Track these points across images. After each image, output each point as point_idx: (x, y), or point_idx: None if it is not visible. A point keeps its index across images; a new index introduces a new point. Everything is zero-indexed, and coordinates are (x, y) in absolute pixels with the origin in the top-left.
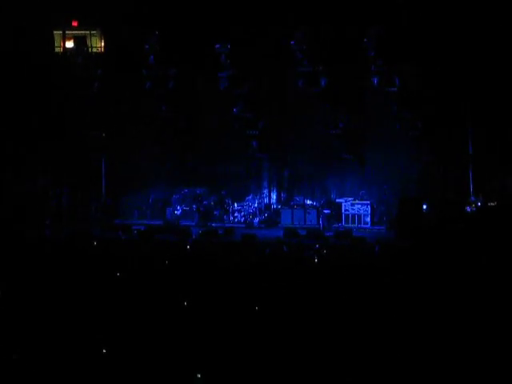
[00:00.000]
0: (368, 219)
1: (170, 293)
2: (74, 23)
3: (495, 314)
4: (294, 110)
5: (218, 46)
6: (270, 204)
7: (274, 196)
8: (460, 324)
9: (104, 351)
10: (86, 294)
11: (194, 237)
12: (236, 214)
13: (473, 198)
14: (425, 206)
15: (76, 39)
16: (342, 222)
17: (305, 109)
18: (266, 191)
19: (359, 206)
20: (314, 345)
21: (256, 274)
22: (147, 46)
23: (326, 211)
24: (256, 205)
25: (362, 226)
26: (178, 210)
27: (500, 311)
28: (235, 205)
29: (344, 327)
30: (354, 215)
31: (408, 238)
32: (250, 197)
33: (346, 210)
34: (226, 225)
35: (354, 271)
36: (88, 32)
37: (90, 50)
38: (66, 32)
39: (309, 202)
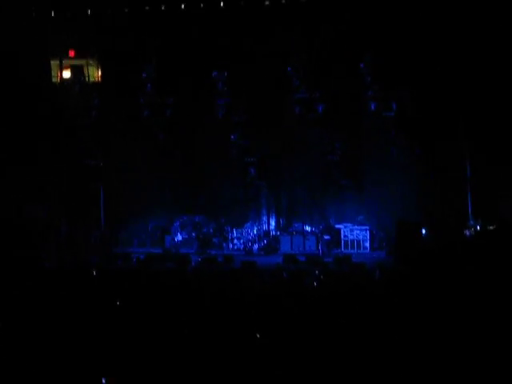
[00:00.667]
0: (367, 244)
1: (170, 321)
2: (71, 53)
3: (496, 340)
4: (292, 137)
5: (215, 73)
6: (268, 231)
7: (272, 222)
8: (461, 352)
9: (104, 382)
10: (85, 324)
11: (193, 264)
12: (235, 241)
13: (472, 222)
14: (424, 231)
15: (73, 69)
16: (341, 248)
17: (302, 135)
18: (264, 218)
19: (358, 231)
20: (314, 372)
21: (256, 300)
22: (144, 75)
23: (326, 237)
24: (255, 232)
25: (362, 251)
26: (177, 238)
27: (501, 336)
28: (234, 232)
29: (344, 353)
30: (353, 241)
31: (407, 264)
32: (249, 224)
33: (345, 236)
34: (226, 252)
35: (353, 297)
36: (85, 61)
37: (87, 79)
38: (63, 61)
39: (308, 228)
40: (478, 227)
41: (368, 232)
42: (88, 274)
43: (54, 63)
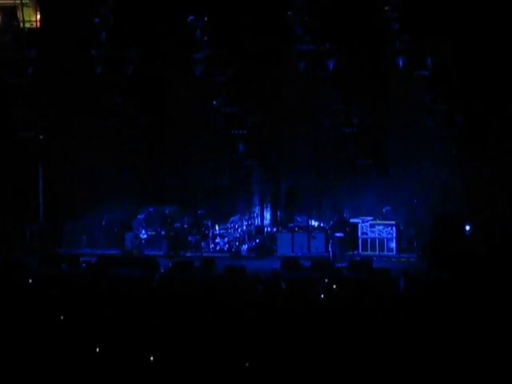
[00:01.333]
0: (393, 245)
1: (130, 346)
2: None
3: None
4: (294, 103)
5: (191, 18)
6: (262, 226)
7: (267, 216)
8: None
9: None
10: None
11: (161, 271)
12: (218, 240)
13: None
14: (468, 227)
15: (2, 11)
16: (358, 250)
17: (308, 100)
18: (257, 209)
19: (381, 227)
20: None
21: (245, 319)
22: (97, 20)
23: (337, 235)
24: (244, 228)
25: (386, 253)
26: (140, 236)
27: None
28: (216, 228)
29: None
30: (374, 240)
31: (445, 270)
32: (237, 217)
33: (363, 234)
34: (205, 254)
35: (373, 315)
36: (19, 2)
37: (21, 24)
38: None
39: (314, 222)
40: None
41: (394, 228)
42: (21, 281)
43: None
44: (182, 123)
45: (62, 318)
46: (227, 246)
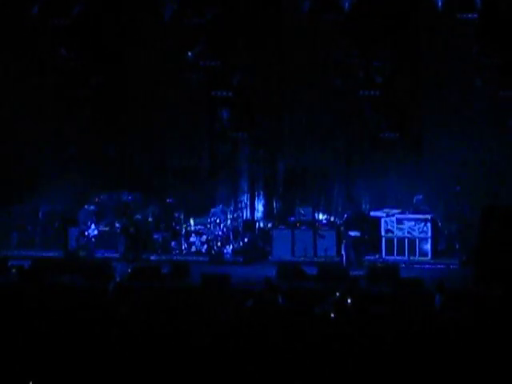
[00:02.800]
0: (427, 247)
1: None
2: None
3: None
4: (295, 55)
5: None
6: (252, 221)
7: (259, 207)
8: None
9: None
10: None
11: (117, 279)
12: (193, 239)
13: None
14: None
15: None
16: (380, 253)
17: (314, 52)
18: (245, 198)
19: (412, 223)
20: None
21: (228, 344)
22: None
23: (352, 233)
24: (228, 223)
25: (417, 259)
26: (89, 232)
27: None
28: (191, 222)
29: None
30: (401, 240)
31: (497, 282)
32: (218, 209)
33: (387, 232)
34: (175, 257)
35: (399, 341)
36: None
37: None
38: None
39: (322, 216)
40: None
41: (429, 225)
42: None
43: None
44: (145, 83)
45: None
46: (205, 246)
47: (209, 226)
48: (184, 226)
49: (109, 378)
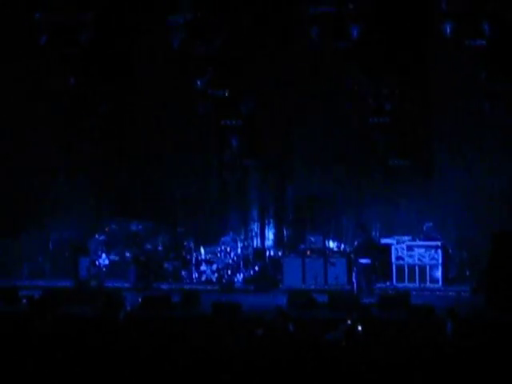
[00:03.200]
0: (438, 274)
1: None
2: None
3: None
4: (304, 83)
5: None
6: (263, 249)
7: (270, 235)
8: None
9: None
10: None
11: (128, 308)
12: (203, 268)
13: None
14: None
15: None
16: (391, 280)
17: (323, 80)
18: (255, 227)
19: (422, 250)
20: None
21: (239, 374)
22: None
23: (363, 261)
24: (239, 251)
25: (428, 286)
26: (100, 262)
27: None
28: (202, 251)
29: None
30: (412, 267)
31: (508, 307)
32: (229, 237)
33: (398, 259)
34: (186, 286)
35: (411, 369)
36: None
37: None
38: None
39: (333, 244)
40: None
41: (440, 251)
42: None
43: None
44: (154, 111)
45: None
46: (216, 275)
47: (219, 254)
48: (194, 255)
49: None
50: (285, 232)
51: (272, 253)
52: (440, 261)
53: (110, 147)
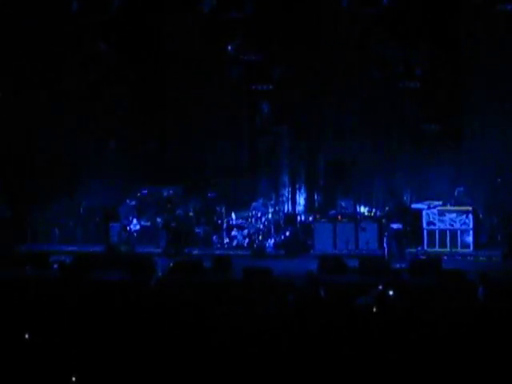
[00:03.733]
0: (469, 239)
1: (116, 372)
2: None
3: None
4: (335, 48)
5: None
6: (294, 214)
7: (301, 200)
8: None
9: None
10: None
11: (159, 274)
12: (234, 233)
13: None
14: None
15: None
16: (422, 245)
17: (353, 45)
18: (286, 192)
19: (453, 215)
20: None
21: (270, 339)
22: None
23: (394, 226)
24: (270, 216)
25: (460, 250)
26: (131, 227)
27: None
28: (233, 217)
29: None
30: (443, 232)
31: None
32: (259, 202)
33: (429, 224)
34: (217, 251)
35: (443, 334)
36: None
37: None
38: None
39: (364, 209)
40: None
41: (471, 217)
42: None
43: None
44: (184, 77)
45: (26, 337)
46: (247, 240)
47: (250, 219)
48: (225, 220)
49: (153, 372)
50: (316, 197)
51: (303, 218)
52: (471, 226)
53: (139, 114)
